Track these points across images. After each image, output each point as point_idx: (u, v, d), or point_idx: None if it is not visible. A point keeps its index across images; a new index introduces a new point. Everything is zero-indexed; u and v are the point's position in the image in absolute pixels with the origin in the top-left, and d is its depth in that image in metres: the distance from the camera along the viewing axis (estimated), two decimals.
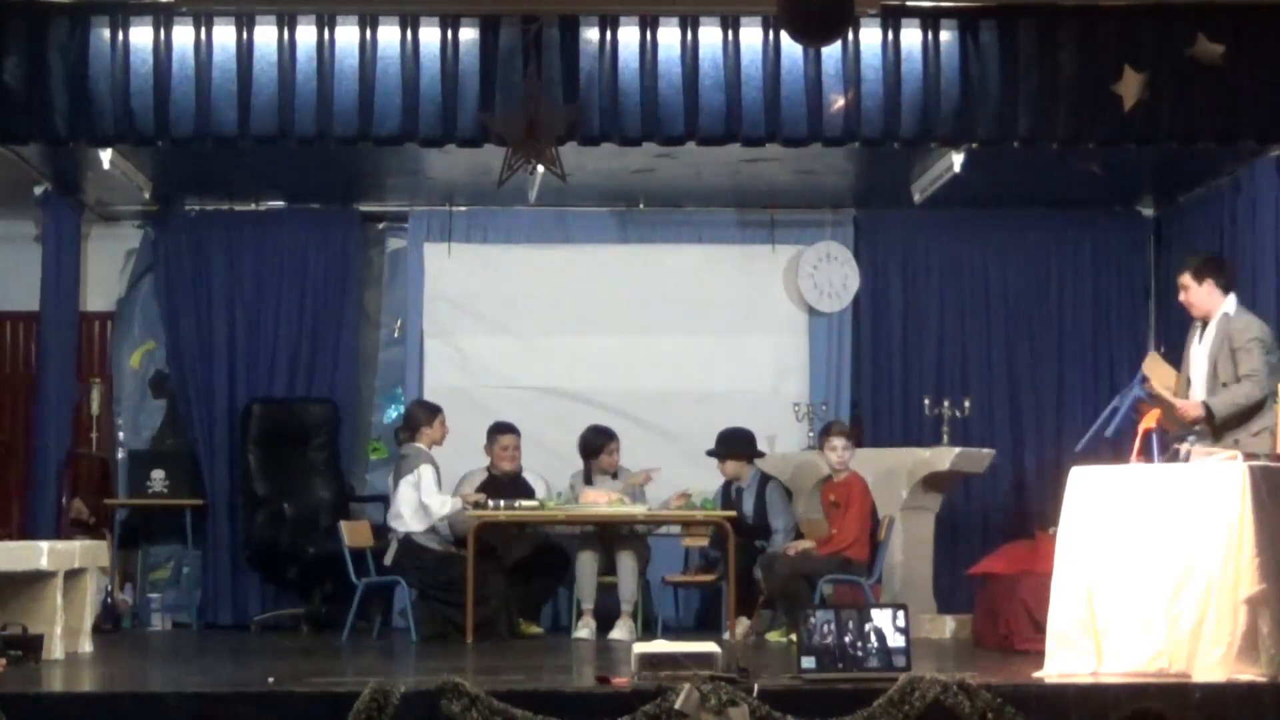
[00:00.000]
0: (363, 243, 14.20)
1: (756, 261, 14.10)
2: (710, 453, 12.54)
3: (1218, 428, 9.48)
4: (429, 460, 12.18)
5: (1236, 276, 10.16)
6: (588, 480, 12.69)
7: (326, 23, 10.66)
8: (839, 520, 11.99)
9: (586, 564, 12.35)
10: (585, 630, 12.16)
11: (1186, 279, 9.80)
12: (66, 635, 10.33)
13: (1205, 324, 9.79)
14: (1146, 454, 9.22)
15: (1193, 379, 9.79)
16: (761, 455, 12.67)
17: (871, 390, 14.05)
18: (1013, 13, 10.83)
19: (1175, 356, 10.15)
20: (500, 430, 12.79)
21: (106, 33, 10.65)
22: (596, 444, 12.71)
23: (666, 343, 13.96)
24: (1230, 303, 9.75)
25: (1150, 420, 9.48)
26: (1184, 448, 9.27)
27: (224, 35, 10.65)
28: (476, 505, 12.03)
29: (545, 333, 14.01)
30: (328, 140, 10.83)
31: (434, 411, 12.43)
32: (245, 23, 10.65)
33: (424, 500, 12.05)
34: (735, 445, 12.56)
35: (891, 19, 10.75)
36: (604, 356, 13.94)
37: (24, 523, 13.05)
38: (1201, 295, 9.78)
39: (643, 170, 12.79)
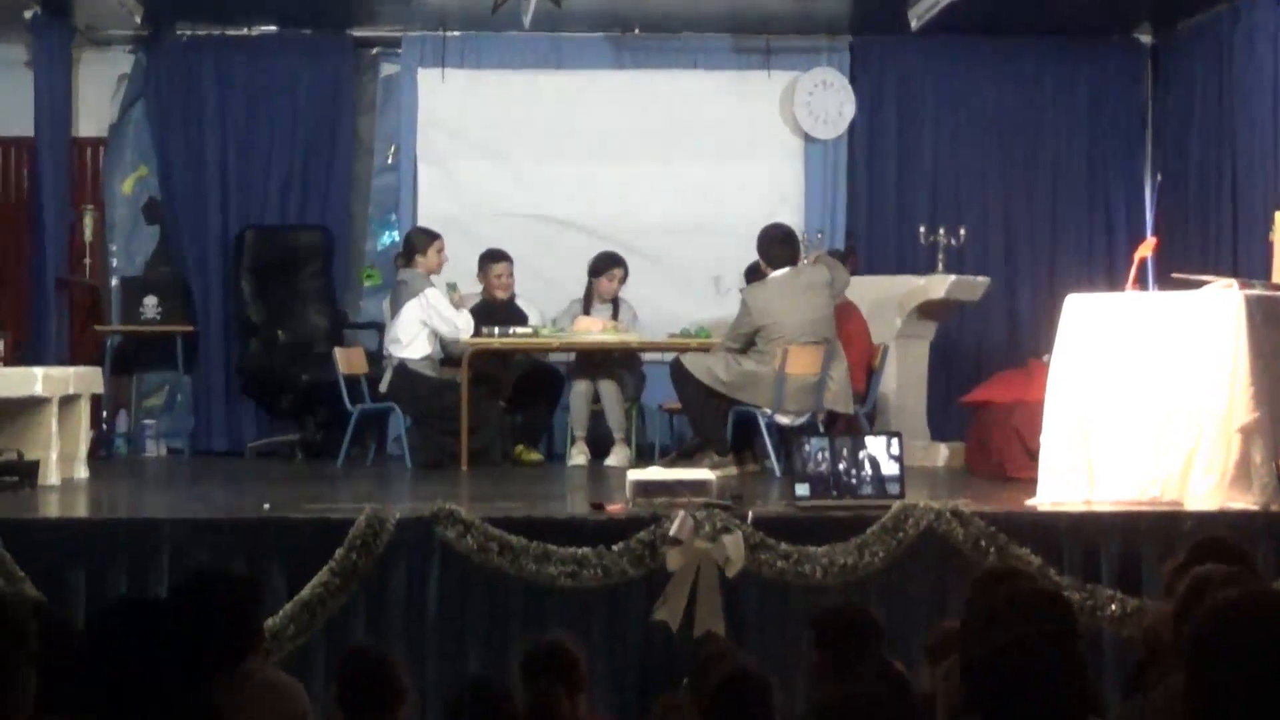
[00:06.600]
0: (355, 68, 14.02)
1: (752, 88, 13.95)
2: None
3: None
4: (430, 284, 12.06)
5: None
6: (587, 304, 12.64)
7: None
8: None
9: (579, 392, 12.36)
10: (580, 457, 12.21)
11: None
12: (62, 461, 10.34)
13: None
14: (1142, 282, 9.21)
15: None
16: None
17: (867, 218, 13.98)
18: None
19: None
20: (494, 258, 12.70)
21: None
22: (597, 265, 12.65)
23: (661, 170, 13.85)
24: None
25: (1146, 249, 9.46)
26: None
27: None
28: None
29: (539, 160, 13.88)
30: None
31: (431, 238, 12.26)
32: None
33: (447, 317, 11.89)
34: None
35: None
36: (598, 183, 13.83)
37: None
38: None
39: None
